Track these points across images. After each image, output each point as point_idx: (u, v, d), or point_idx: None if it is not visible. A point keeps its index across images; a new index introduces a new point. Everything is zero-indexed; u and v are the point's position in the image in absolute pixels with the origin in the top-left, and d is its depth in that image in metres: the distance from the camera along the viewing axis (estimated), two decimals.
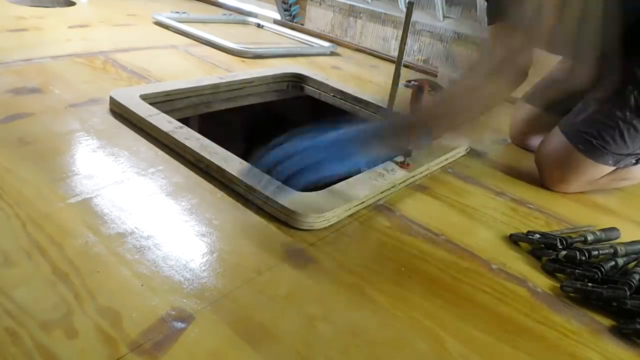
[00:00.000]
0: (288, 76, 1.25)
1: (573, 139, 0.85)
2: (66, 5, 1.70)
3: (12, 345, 0.40)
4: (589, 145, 0.83)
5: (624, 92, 0.81)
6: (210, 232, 0.59)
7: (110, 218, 0.58)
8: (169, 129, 0.77)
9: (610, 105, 0.82)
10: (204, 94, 1.04)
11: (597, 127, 0.83)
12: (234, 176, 0.67)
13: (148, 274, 0.51)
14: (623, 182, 0.91)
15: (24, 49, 1.12)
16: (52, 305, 0.45)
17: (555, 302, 0.58)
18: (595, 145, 0.82)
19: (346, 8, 1.96)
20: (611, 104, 0.82)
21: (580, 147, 0.84)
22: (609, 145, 0.82)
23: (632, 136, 0.80)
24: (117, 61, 1.14)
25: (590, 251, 0.63)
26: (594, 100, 0.85)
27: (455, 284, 0.58)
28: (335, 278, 0.56)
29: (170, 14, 1.62)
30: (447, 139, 0.75)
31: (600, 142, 0.82)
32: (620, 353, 0.52)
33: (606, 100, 0.83)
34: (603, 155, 0.83)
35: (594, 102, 0.85)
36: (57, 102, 0.87)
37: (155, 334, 0.44)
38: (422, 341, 0.49)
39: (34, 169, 0.66)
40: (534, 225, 0.74)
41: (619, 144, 0.81)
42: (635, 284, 0.57)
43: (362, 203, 0.70)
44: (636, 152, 0.83)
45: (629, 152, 0.83)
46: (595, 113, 0.84)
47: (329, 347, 0.46)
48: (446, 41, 1.75)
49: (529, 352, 0.50)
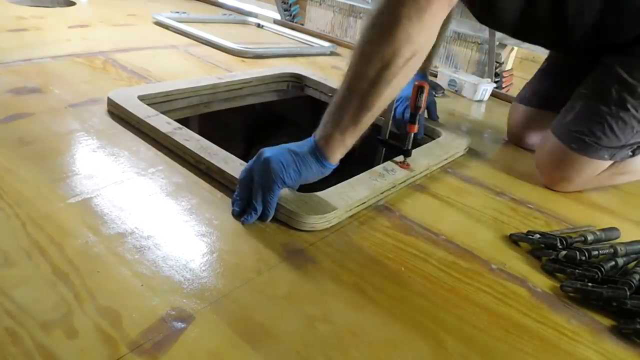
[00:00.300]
0: (288, 76, 1.25)
1: (565, 140, 0.86)
2: (66, 5, 1.70)
3: (12, 345, 0.40)
4: (581, 143, 0.84)
5: (606, 87, 0.82)
6: (210, 232, 0.59)
7: (110, 218, 0.58)
8: (168, 130, 0.77)
9: (594, 101, 0.84)
10: (203, 94, 1.04)
11: (587, 124, 0.84)
12: (234, 177, 0.67)
13: (148, 274, 0.51)
14: (623, 177, 0.91)
15: (24, 49, 1.12)
16: (52, 305, 0.45)
17: (555, 302, 0.58)
18: (588, 142, 0.83)
19: (346, 8, 1.96)
20: (595, 100, 0.84)
21: (574, 146, 0.85)
22: (601, 140, 0.83)
23: (622, 128, 0.82)
24: (117, 61, 1.14)
25: (590, 251, 0.63)
26: (578, 98, 0.86)
27: (455, 284, 0.58)
28: (335, 278, 0.56)
29: (170, 14, 1.63)
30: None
31: (592, 139, 0.83)
32: (620, 353, 0.52)
33: (590, 97, 0.85)
34: (597, 151, 0.84)
35: (579, 100, 0.86)
36: (57, 102, 0.87)
37: (155, 334, 0.44)
38: (422, 341, 0.49)
39: (34, 169, 0.66)
40: (534, 225, 0.74)
41: (610, 137, 0.82)
42: (635, 284, 0.57)
43: (363, 204, 0.70)
44: (630, 142, 0.84)
45: (621, 143, 0.83)
46: (582, 111, 0.85)
47: (329, 347, 0.46)
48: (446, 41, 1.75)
49: (529, 352, 0.50)
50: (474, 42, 1.68)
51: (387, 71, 0.57)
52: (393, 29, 0.56)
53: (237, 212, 0.63)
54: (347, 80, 0.60)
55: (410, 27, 0.55)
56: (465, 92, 1.37)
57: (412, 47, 0.56)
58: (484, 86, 1.35)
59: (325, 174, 0.64)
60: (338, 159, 0.63)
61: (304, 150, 0.62)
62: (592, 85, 0.86)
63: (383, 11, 0.57)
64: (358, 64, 0.59)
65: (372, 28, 0.58)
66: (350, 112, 0.60)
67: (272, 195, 0.61)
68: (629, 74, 0.80)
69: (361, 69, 0.59)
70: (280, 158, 0.61)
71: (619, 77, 0.81)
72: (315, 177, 0.63)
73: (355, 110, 0.60)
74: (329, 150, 0.61)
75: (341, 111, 0.61)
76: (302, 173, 0.61)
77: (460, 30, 1.70)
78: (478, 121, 1.22)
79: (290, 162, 0.61)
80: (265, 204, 0.61)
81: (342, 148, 0.62)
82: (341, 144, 0.61)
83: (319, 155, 0.62)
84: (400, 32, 0.56)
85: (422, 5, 0.55)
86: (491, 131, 1.14)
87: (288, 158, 0.61)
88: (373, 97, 0.59)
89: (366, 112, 0.60)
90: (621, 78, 0.81)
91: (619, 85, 0.81)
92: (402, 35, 0.56)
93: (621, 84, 0.81)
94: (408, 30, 0.55)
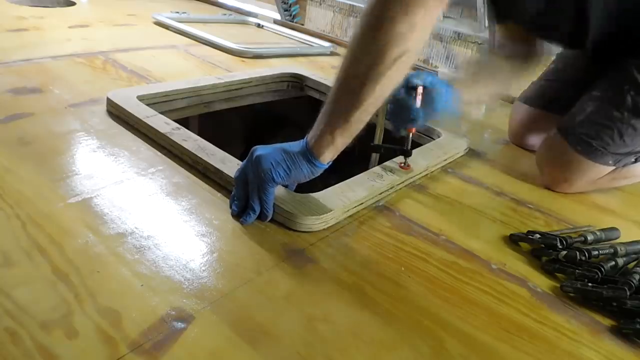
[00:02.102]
0: (288, 76, 1.25)
1: (572, 141, 0.85)
2: (66, 5, 1.70)
3: (12, 345, 0.40)
4: (588, 147, 0.83)
5: (621, 92, 0.80)
6: (210, 232, 0.59)
7: (110, 218, 0.58)
8: (166, 131, 0.77)
9: (607, 105, 0.82)
10: (202, 94, 1.04)
11: (596, 128, 0.82)
12: (232, 178, 0.68)
13: (148, 274, 0.51)
14: (624, 181, 0.91)
15: (24, 49, 1.12)
16: (52, 305, 0.45)
17: (555, 302, 0.58)
18: (595, 147, 0.82)
19: (346, 8, 1.96)
20: (608, 104, 0.82)
21: (579, 149, 0.84)
22: (608, 146, 0.82)
23: (631, 135, 0.80)
24: (117, 61, 1.14)
25: (590, 251, 0.63)
26: (590, 100, 0.85)
27: (455, 284, 0.58)
28: (335, 278, 0.56)
29: (170, 14, 1.63)
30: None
31: (599, 143, 0.82)
32: (620, 353, 0.52)
33: (603, 100, 0.83)
34: (603, 156, 0.83)
35: (590, 102, 0.85)
36: (57, 102, 0.87)
37: (155, 334, 0.44)
38: (422, 341, 0.49)
39: (34, 169, 0.66)
40: (534, 225, 0.74)
41: (618, 143, 0.81)
42: (635, 284, 0.57)
43: (361, 204, 0.70)
44: (635, 150, 0.83)
45: (628, 150, 0.83)
46: (593, 114, 0.83)
47: (329, 347, 0.46)
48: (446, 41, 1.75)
49: (529, 352, 0.50)
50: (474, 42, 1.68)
51: (376, 70, 0.57)
52: (381, 28, 0.55)
53: (236, 211, 0.63)
54: (338, 79, 0.60)
55: (399, 26, 0.55)
56: None
57: (401, 47, 0.56)
58: None
59: (316, 174, 0.63)
60: (329, 159, 0.62)
61: (295, 150, 0.61)
62: (606, 88, 0.83)
63: (372, 10, 0.57)
64: (348, 63, 0.59)
65: (361, 27, 0.58)
66: (340, 111, 0.60)
67: (267, 194, 0.61)
68: None
69: (351, 68, 0.59)
70: (270, 157, 0.61)
71: (636, 82, 0.79)
72: (306, 177, 0.63)
73: (345, 110, 0.60)
74: (318, 150, 0.61)
75: (331, 111, 0.60)
76: (292, 172, 0.61)
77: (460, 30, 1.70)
78: (478, 121, 1.22)
79: (281, 161, 0.61)
80: (262, 203, 0.61)
81: (332, 148, 0.61)
82: (331, 144, 0.60)
83: (309, 154, 0.61)
84: (389, 31, 0.55)
85: (410, 4, 0.54)
86: (491, 131, 1.14)
87: (278, 157, 0.61)
88: (363, 96, 0.58)
89: (356, 112, 0.59)
90: (638, 83, 0.79)
91: (635, 91, 0.79)
92: (390, 34, 0.55)
93: (638, 89, 0.79)
94: (396, 30, 0.55)
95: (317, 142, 0.61)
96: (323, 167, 0.62)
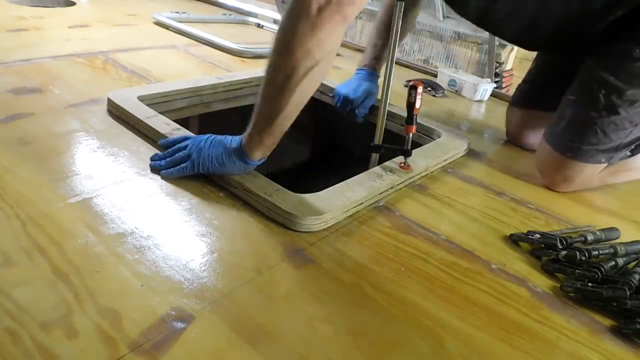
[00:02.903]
0: None
1: (561, 149, 0.86)
2: (66, 5, 1.70)
3: (12, 345, 0.40)
4: (577, 151, 0.84)
5: (592, 93, 0.82)
6: (210, 232, 0.59)
7: (110, 218, 0.58)
8: (167, 131, 0.77)
9: (583, 108, 0.84)
10: (202, 94, 1.04)
11: (580, 132, 0.84)
12: (231, 178, 0.68)
13: (148, 274, 0.51)
14: (625, 174, 0.92)
15: (24, 49, 1.12)
16: (52, 305, 0.45)
17: (555, 302, 0.58)
18: (584, 149, 0.84)
19: None
20: (585, 107, 0.84)
21: (570, 155, 0.85)
22: (596, 144, 0.83)
23: (614, 130, 0.82)
24: (117, 61, 1.14)
25: (590, 251, 0.63)
26: (568, 106, 0.86)
27: (455, 284, 0.58)
28: (335, 278, 0.56)
29: (170, 14, 1.63)
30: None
31: (587, 146, 0.84)
32: (620, 353, 0.52)
33: (579, 104, 0.85)
34: (594, 155, 0.84)
35: (568, 108, 0.86)
36: (57, 102, 0.87)
37: (155, 334, 0.44)
38: (422, 341, 0.49)
39: (34, 169, 0.66)
40: (534, 225, 0.74)
41: (605, 141, 0.83)
42: (635, 284, 0.57)
43: (361, 204, 0.70)
44: (624, 142, 0.84)
45: (616, 144, 0.84)
46: (573, 119, 0.85)
47: (329, 347, 0.46)
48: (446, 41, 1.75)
49: (529, 352, 0.50)
50: (474, 42, 1.68)
51: (291, 81, 0.61)
52: (291, 44, 0.60)
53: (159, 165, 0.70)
54: (261, 87, 0.65)
55: (306, 42, 0.59)
56: (465, 92, 1.37)
57: (311, 60, 0.60)
58: (484, 86, 1.35)
59: (248, 170, 0.69)
60: (259, 157, 0.68)
61: (232, 146, 0.68)
62: (579, 91, 0.86)
63: (284, 28, 0.61)
64: (268, 72, 0.64)
65: (277, 40, 0.62)
66: (264, 115, 0.65)
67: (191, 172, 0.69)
68: (615, 76, 0.80)
69: (270, 76, 0.63)
70: (212, 149, 0.68)
71: (604, 80, 0.81)
72: (239, 172, 0.68)
73: (268, 116, 0.65)
74: (249, 149, 0.67)
75: (258, 114, 0.66)
76: (225, 166, 0.67)
77: (460, 30, 1.70)
78: (478, 121, 1.22)
79: (218, 155, 0.67)
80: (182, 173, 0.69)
81: (261, 147, 0.67)
82: (259, 144, 0.66)
83: (241, 152, 0.67)
84: (298, 47, 0.59)
85: (316, 23, 0.58)
86: (491, 131, 1.14)
87: (218, 151, 0.67)
88: (281, 102, 0.63)
89: (277, 118, 0.64)
90: (606, 81, 0.80)
91: (606, 89, 0.81)
92: (300, 49, 0.59)
93: (607, 87, 0.80)
94: (305, 46, 0.59)
95: (247, 143, 0.67)
96: (255, 164, 0.69)
